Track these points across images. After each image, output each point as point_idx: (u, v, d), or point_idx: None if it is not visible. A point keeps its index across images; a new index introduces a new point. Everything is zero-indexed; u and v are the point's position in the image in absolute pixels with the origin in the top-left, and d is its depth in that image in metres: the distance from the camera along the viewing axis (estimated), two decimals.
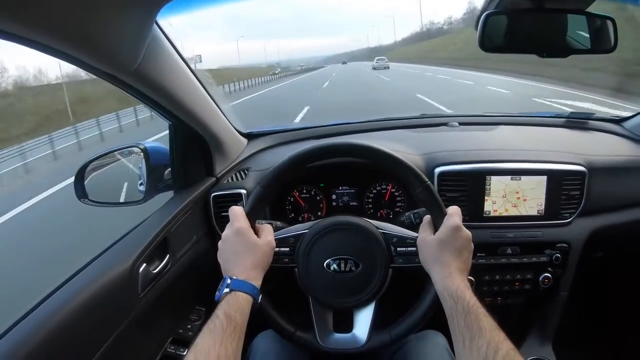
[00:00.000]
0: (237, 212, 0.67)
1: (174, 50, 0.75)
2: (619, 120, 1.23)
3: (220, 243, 0.67)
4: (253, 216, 0.68)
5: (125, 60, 0.61)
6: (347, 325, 0.75)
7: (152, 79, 0.69)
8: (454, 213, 0.66)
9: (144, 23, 0.61)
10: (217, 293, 0.61)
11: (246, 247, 0.65)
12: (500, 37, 0.78)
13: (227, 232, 0.66)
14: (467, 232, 0.65)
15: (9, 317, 0.59)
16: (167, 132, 0.93)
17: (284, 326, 0.72)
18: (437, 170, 0.99)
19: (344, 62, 55.25)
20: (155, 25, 0.67)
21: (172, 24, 0.73)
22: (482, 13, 0.80)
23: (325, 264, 0.73)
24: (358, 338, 0.73)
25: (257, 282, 0.64)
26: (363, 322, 0.74)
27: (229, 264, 0.65)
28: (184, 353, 0.92)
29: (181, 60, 0.78)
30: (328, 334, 0.74)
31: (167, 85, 0.74)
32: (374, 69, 28.66)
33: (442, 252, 0.63)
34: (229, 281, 0.61)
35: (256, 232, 0.67)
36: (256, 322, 0.64)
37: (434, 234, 0.66)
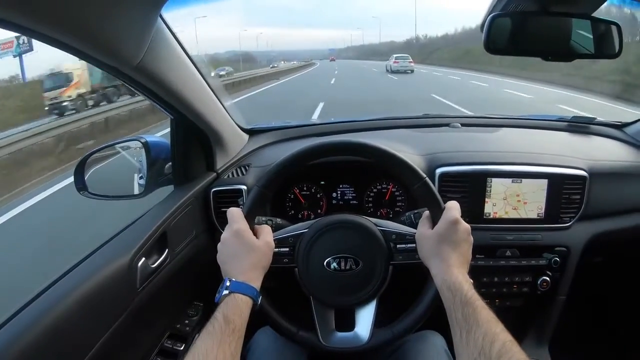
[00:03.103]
0: (235, 214, 0.67)
1: (178, 44, 0.75)
2: (620, 126, 1.24)
3: (219, 245, 0.67)
4: (251, 217, 0.68)
5: (129, 54, 0.61)
6: (349, 323, 0.75)
7: (155, 73, 0.69)
8: (452, 207, 0.66)
9: (148, 16, 0.61)
10: (217, 295, 0.61)
11: (245, 249, 0.65)
12: (505, 40, 0.78)
13: (225, 234, 0.66)
14: (466, 225, 0.65)
15: None
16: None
17: (286, 326, 0.72)
18: (438, 170, 0.99)
19: (332, 60, 46.87)
20: (159, 19, 0.66)
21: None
22: (487, 15, 0.80)
23: (325, 263, 0.72)
24: (360, 336, 0.73)
25: (257, 284, 0.64)
26: (365, 320, 0.74)
27: (228, 266, 0.65)
28: (181, 348, 0.92)
29: (184, 54, 0.78)
30: (330, 333, 0.74)
31: (170, 79, 0.73)
32: (392, 71, 19.10)
33: (441, 246, 0.63)
34: (228, 283, 0.61)
35: (255, 233, 0.67)
36: (256, 318, 0.65)
37: (432, 229, 0.66)
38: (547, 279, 1.01)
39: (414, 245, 0.70)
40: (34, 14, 0.45)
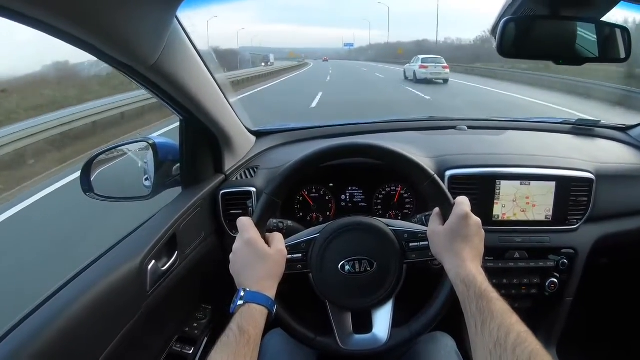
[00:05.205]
0: (245, 223, 0.66)
1: (192, 45, 0.74)
2: (624, 128, 1.25)
3: (231, 256, 0.66)
4: (262, 225, 0.68)
5: (145, 53, 0.60)
6: (366, 325, 0.75)
7: (170, 73, 0.68)
8: (461, 202, 0.66)
9: (165, 16, 0.60)
10: (231, 305, 0.61)
11: (257, 258, 0.64)
12: (518, 44, 0.78)
13: (237, 244, 0.66)
14: (477, 219, 0.65)
15: None
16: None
17: (303, 333, 0.71)
18: (448, 173, 0.99)
19: (325, 60, 46.13)
20: (175, 20, 0.66)
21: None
22: (499, 19, 0.80)
23: (339, 266, 0.72)
24: (379, 337, 0.73)
25: (271, 292, 0.63)
26: (382, 321, 0.74)
27: (241, 276, 0.64)
28: (190, 352, 0.91)
29: (198, 56, 0.77)
30: (348, 336, 0.74)
31: (183, 80, 0.73)
32: (416, 81, 13.52)
33: (453, 241, 0.63)
34: (242, 293, 0.61)
35: (266, 241, 0.67)
36: (267, 321, 0.64)
37: (443, 225, 0.66)
38: (555, 280, 1.01)
39: (426, 242, 0.70)
40: (54, 9, 0.44)
